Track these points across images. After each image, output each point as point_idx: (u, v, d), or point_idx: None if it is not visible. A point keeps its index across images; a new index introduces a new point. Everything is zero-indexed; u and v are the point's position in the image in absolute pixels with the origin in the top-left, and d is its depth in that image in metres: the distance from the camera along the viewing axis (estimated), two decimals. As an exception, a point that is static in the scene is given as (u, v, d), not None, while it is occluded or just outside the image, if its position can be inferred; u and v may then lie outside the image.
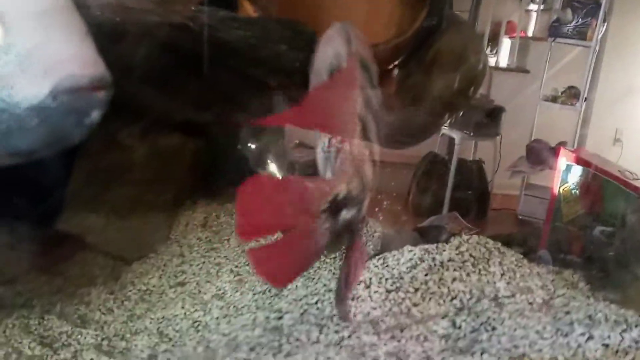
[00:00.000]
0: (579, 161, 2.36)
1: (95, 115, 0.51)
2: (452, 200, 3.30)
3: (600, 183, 2.21)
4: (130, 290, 1.40)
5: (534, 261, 2.18)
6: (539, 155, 3.33)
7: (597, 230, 1.90)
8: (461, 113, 3.38)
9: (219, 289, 1.31)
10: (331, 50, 0.82)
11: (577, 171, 2.43)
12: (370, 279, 0.94)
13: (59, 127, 0.52)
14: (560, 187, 2.44)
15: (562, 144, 3.18)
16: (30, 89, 0.46)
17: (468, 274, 0.95)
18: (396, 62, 1.49)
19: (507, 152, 3.42)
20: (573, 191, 2.42)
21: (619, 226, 1.82)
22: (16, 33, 0.45)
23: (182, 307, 1.30)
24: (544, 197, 2.86)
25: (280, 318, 0.91)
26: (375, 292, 0.91)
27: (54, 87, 0.46)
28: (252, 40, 1.11)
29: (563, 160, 2.44)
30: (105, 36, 0.75)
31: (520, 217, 3.35)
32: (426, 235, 2.53)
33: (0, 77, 0.46)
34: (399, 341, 0.79)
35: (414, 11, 1.40)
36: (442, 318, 0.84)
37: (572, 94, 3.27)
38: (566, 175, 2.45)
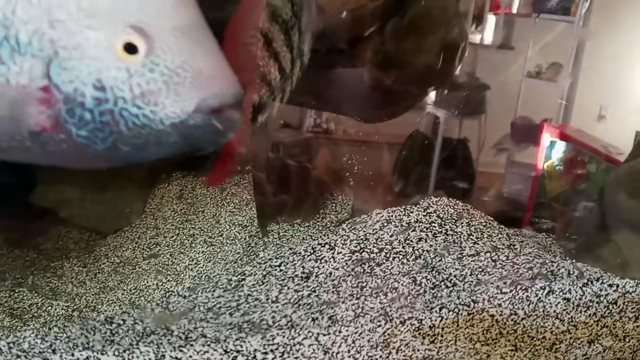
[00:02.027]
0: (563, 137, 2.36)
1: (232, 132, 0.52)
2: (438, 179, 3.30)
3: (584, 159, 2.22)
4: (103, 263, 1.39)
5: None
6: (523, 132, 3.33)
7: (581, 205, 1.91)
8: (445, 91, 3.37)
9: (192, 260, 1.31)
10: None
11: (560, 147, 2.44)
12: (336, 240, 0.94)
13: (195, 143, 0.52)
14: (544, 164, 2.45)
15: (547, 120, 3.18)
16: (173, 106, 0.47)
17: (434, 235, 0.94)
18: (372, 28, 1.47)
19: (492, 130, 3.42)
20: (557, 167, 2.43)
21: (600, 198, 1.82)
22: (160, 50, 0.46)
23: (155, 278, 1.29)
24: (528, 174, 2.86)
25: (242, 280, 0.90)
26: (339, 253, 0.90)
27: (197, 105, 0.47)
28: None
29: (547, 136, 2.45)
30: None
31: (505, 195, 3.36)
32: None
33: (144, 94, 0.47)
34: (357, 299, 0.79)
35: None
36: (404, 276, 0.84)
37: (556, 70, 3.27)
38: (550, 152, 2.46)
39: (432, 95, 3.37)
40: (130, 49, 0.46)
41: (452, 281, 0.82)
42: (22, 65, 0.48)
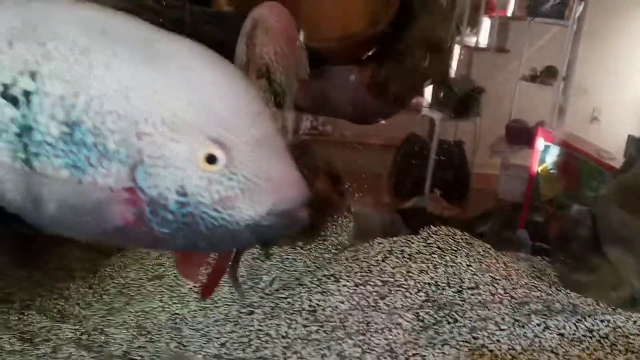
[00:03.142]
0: (557, 141, 2.40)
1: (296, 230, 0.58)
2: (433, 181, 3.34)
3: (577, 163, 2.26)
4: (109, 284, 1.42)
5: (513, 241, 2.24)
6: (517, 135, 3.37)
7: (575, 209, 1.95)
8: (441, 94, 3.40)
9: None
10: (249, 19, 0.86)
11: (555, 151, 2.48)
12: (340, 272, 0.97)
13: (264, 239, 0.57)
14: (538, 167, 2.49)
15: (541, 123, 3.22)
16: (249, 210, 0.51)
17: (435, 266, 0.98)
18: (370, 53, 1.50)
19: (487, 132, 3.45)
20: (551, 171, 2.47)
21: (593, 205, 1.86)
22: (238, 160, 0.50)
23: (161, 301, 1.32)
24: (523, 176, 2.90)
25: (251, 313, 0.93)
26: (344, 285, 0.94)
27: (270, 209, 0.51)
28: (222, 35, 1.11)
29: (541, 140, 2.48)
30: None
31: (500, 197, 3.40)
32: (408, 217, 2.57)
33: (223, 200, 0.51)
34: (364, 334, 0.82)
35: (388, 1, 1.40)
36: (407, 311, 0.87)
37: (550, 74, 3.29)
38: (544, 155, 2.50)
39: (427, 97, 3.41)
40: (211, 159, 0.50)
41: (454, 317, 0.86)
42: (110, 169, 0.52)
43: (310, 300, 0.92)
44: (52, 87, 0.52)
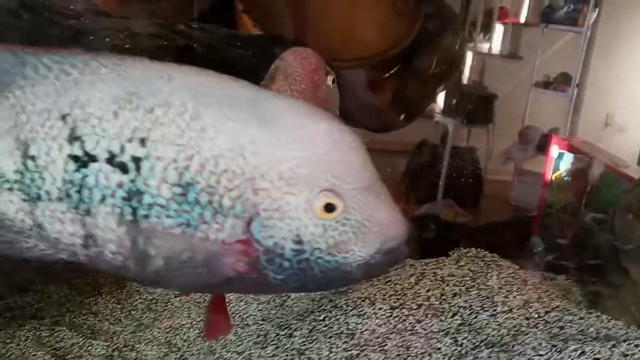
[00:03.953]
0: (571, 149, 2.40)
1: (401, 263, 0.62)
2: (446, 187, 3.34)
3: (589, 171, 2.25)
4: (136, 300, 1.43)
5: (526, 247, 2.23)
6: (531, 141, 3.37)
7: (589, 217, 1.95)
8: (454, 101, 3.40)
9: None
10: (273, 64, 0.89)
11: (569, 159, 2.48)
12: (374, 294, 0.98)
13: (371, 275, 0.64)
14: (552, 175, 2.49)
15: (554, 130, 3.22)
16: (360, 251, 0.55)
17: (467, 289, 0.99)
18: (391, 72, 1.51)
19: (500, 139, 3.45)
20: (565, 178, 2.47)
21: (610, 214, 1.86)
22: (351, 206, 0.54)
23: (188, 317, 1.33)
24: (536, 183, 2.90)
25: (290, 335, 0.95)
26: (380, 308, 0.95)
27: (377, 249, 0.55)
28: (252, 59, 1.13)
29: (555, 147, 2.48)
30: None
31: (512, 203, 3.41)
32: (421, 223, 2.57)
33: (337, 244, 0.54)
34: (405, 359, 0.83)
35: (408, 23, 1.42)
36: (445, 335, 0.88)
37: (564, 80, 3.29)
38: (558, 163, 2.50)
39: (441, 104, 3.41)
40: (330, 208, 0.54)
41: (491, 342, 0.87)
42: (224, 224, 0.54)
43: (347, 323, 0.93)
44: (164, 152, 0.54)
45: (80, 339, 1.30)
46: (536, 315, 0.94)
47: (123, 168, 0.55)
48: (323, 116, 0.57)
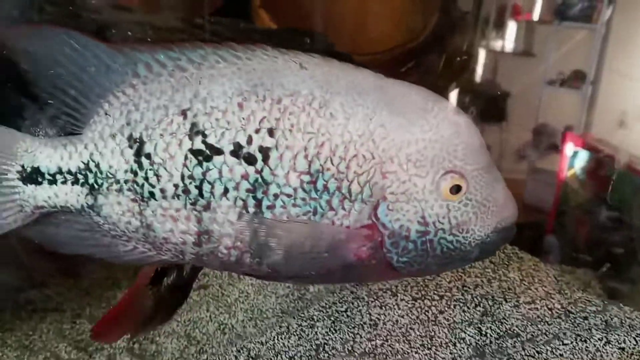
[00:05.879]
0: (586, 146, 2.38)
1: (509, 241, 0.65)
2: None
3: (606, 169, 2.24)
4: (156, 293, 1.43)
5: (541, 245, 2.21)
6: (545, 139, 3.34)
7: (604, 215, 1.94)
8: (467, 98, 3.38)
9: (242, 292, 1.36)
10: None
11: (583, 156, 2.46)
12: (396, 286, 0.98)
13: (487, 255, 0.62)
14: (567, 172, 2.47)
15: (569, 128, 3.19)
16: (480, 231, 0.57)
17: (489, 280, 0.98)
18: (409, 65, 1.51)
19: (513, 137, 3.42)
20: (580, 176, 2.45)
21: (626, 212, 1.85)
22: (472, 187, 0.57)
23: (207, 310, 1.34)
24: (550, 181, 2.89)
25: (312, 326, 0.95)
26: (402, 300, 0.95)
27: (494, 227, 0.57)
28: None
29: (570, 145, 2.46)
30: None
31: (526, 202, 3.38)
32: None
33: (459, 224, 0.57)
34: (429, 349, 0.83)
35: (425, 17, 1.42)
36: (468, 325, 0.88)
37: (578, 78, 3.27)
38: (573, 161, 2.48)
39: (453, 102, 3.40)
40: (456, 189, 0.56)
41: (515, 331, 0.87)
42: (351, 210, 0.56)
43: (370, 314, 0.93)
44: (294, 140, 0.55)
45: (101, 331, 1.30)
46: (559, 306, 0.94)
47: (249, 159, 0.55)
48: (444, 101, 0.59)
